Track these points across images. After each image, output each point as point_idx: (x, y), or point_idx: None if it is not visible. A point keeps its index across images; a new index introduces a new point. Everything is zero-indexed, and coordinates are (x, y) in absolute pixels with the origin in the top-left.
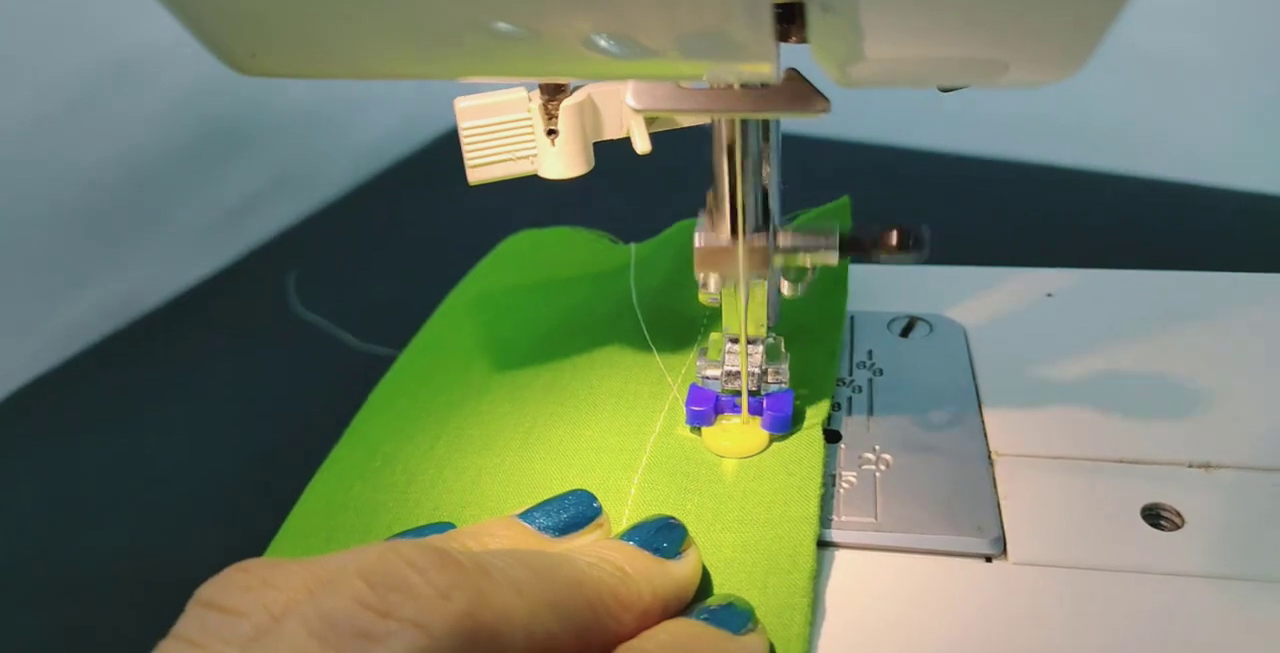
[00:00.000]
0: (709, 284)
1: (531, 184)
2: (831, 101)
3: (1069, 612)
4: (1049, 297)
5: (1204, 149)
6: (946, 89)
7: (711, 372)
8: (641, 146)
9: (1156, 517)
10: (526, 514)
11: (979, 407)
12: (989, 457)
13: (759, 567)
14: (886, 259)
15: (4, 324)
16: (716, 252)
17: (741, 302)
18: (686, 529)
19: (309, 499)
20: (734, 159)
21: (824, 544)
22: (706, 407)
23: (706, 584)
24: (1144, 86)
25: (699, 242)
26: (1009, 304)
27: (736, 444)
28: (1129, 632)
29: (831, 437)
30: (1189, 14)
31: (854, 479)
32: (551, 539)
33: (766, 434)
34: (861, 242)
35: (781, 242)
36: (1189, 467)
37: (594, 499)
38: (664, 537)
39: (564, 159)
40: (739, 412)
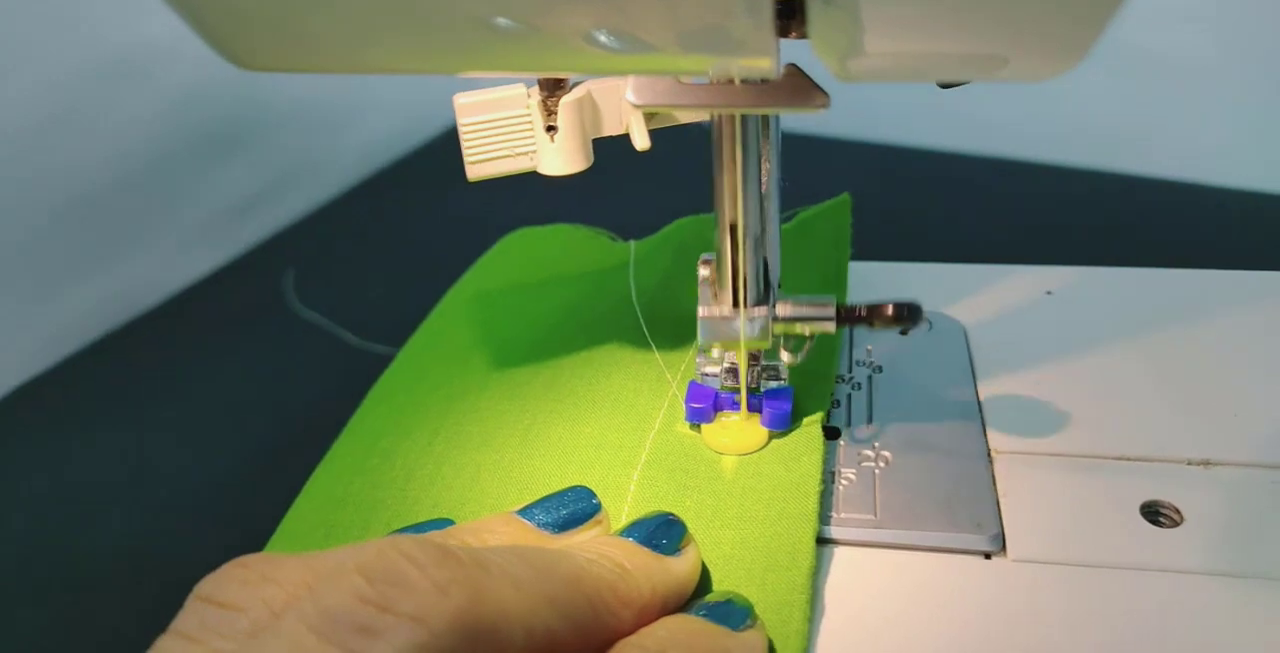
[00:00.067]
0: (711, 349)
1: (530, 181)
2: (831, 98)
3: (1068, 609)
4: (1048, 294)
5: (1203, 147)
6: (946, 85)
7: (711, 369)
8: (641, 143)
9: (1155, 514)
10: (526, 511)
11: (978, 404)
12: (988, 454)
13: (758, 563)
14: (882, 327)
15: (3, 322)
16: (718, 322)
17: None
18: (686, 526)
19: (308, 496)
20: (736, 235)
21: (823, 541)
22: (706, 404)
23: (705, 581)
24: (1143, 85)
25: (702, 312)
26: (1008, 302)
27: (736, 441)
28: (1128, 629)
29: (831, 434)
30: (1188, 12)
31: (853, 476)
32: (551, 536)
33: (766, 431)
34: (858, 313)
35: (781, 312)
36: (1188, 464)
37: (593, 496)
38: (663, 533)
39: (563, 155)
40: (738, 409)
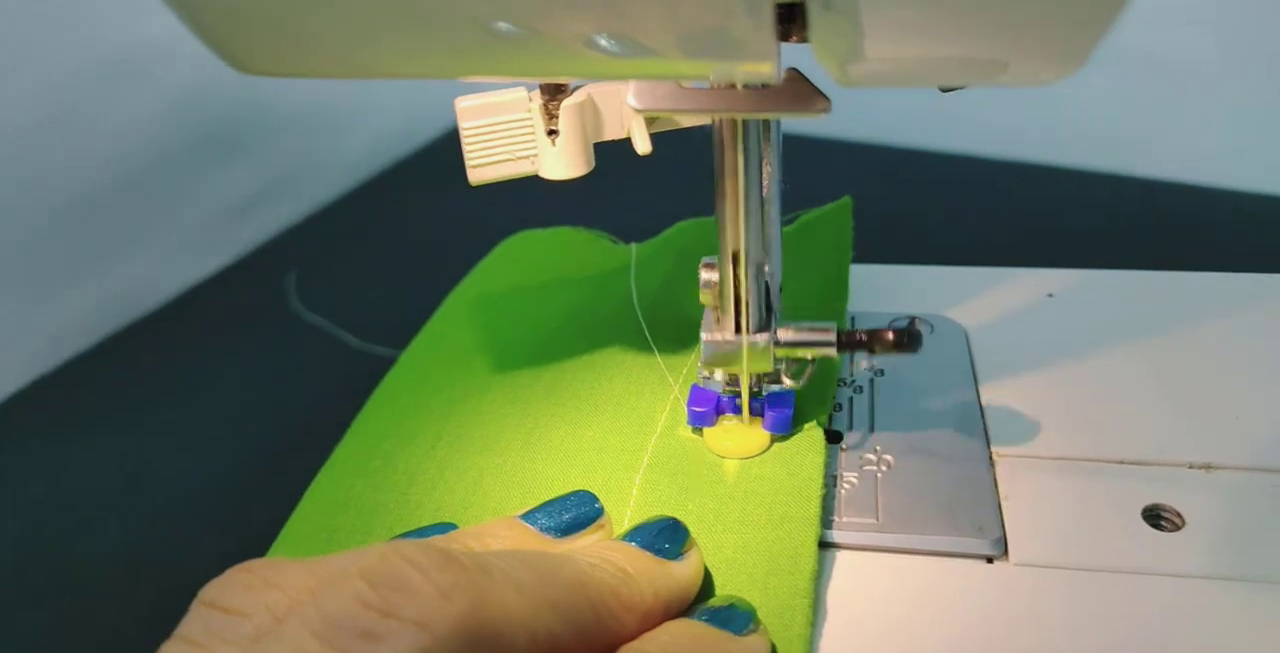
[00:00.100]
0: (714, 376)
1: (532, 184)
2: (832, 102)
3: (1070, 613)
4: (1050, 297)
5: (1205, 149)
6: (947, 89)
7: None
8: (642, 147)
9: (1157, 518)
10: (529, 515)
11: (980, 407)
12: (990, 458)
13: (760, 568)
14: (882, 352)
15: (3, 324)
16: (721, 346)
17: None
18: (688, 530)
19: (310, 500)
20: (739, 262)
21: (825, 545)
22: (708, 407)
23: (708, 585)
24: (1145, 87)
25: (704, 337)
26: (1010, 305)
27: (738, 445)
28: (1130, 633)
29: (832, 437)
30: (1189, 14)
31: (855, 480)
32: (553, 540)
33: (767, 435)
34: (859, 338)
35: (782, 336)
36: (1189, 468)
37: (596, 500)
38: (666, 538)
39: (564, 159)
40: (740, 412)
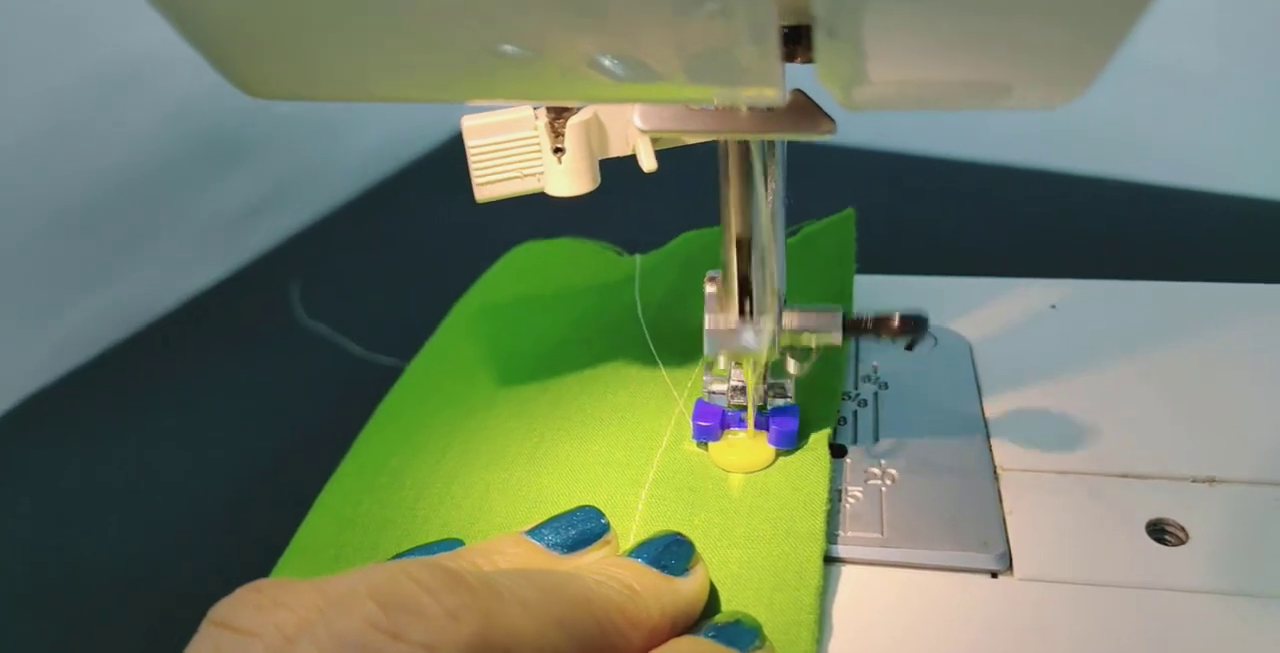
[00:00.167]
0: (718, 361)
1: (537, 195)
2: (836, 121)
3: (1074, 628)
4: (1053, 309)
5: (1212, 155)
6: None
7: (717, 386)
8: (648, 165)
9: (1161, 532)
10: (535, 531)
11: (984, 420)
12: (994, 471)
13: (766, 583)
14: (888, 338)
15: (7, 334)
16: (724, 333)
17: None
18: (694, 546)
19: (317, 515)
20: (742, 247)
21: (830, 560)
22: (713, 421)
23: (714, 601)
24: (1148, 93)
25: (709, 324)
26: (1013, 316)
27: (743, 459)
28: (1134, 648)
29: (837, 451)
30: (1190, 20)
31: (859, 494)
32: (560, 556)
33: (773, 449)
34: (865, 324)
35: (787, 322)
36: (1193, 481)
37: (602, 516)
38: (672, 554)
39: (570, 177)
40: (745, 426)
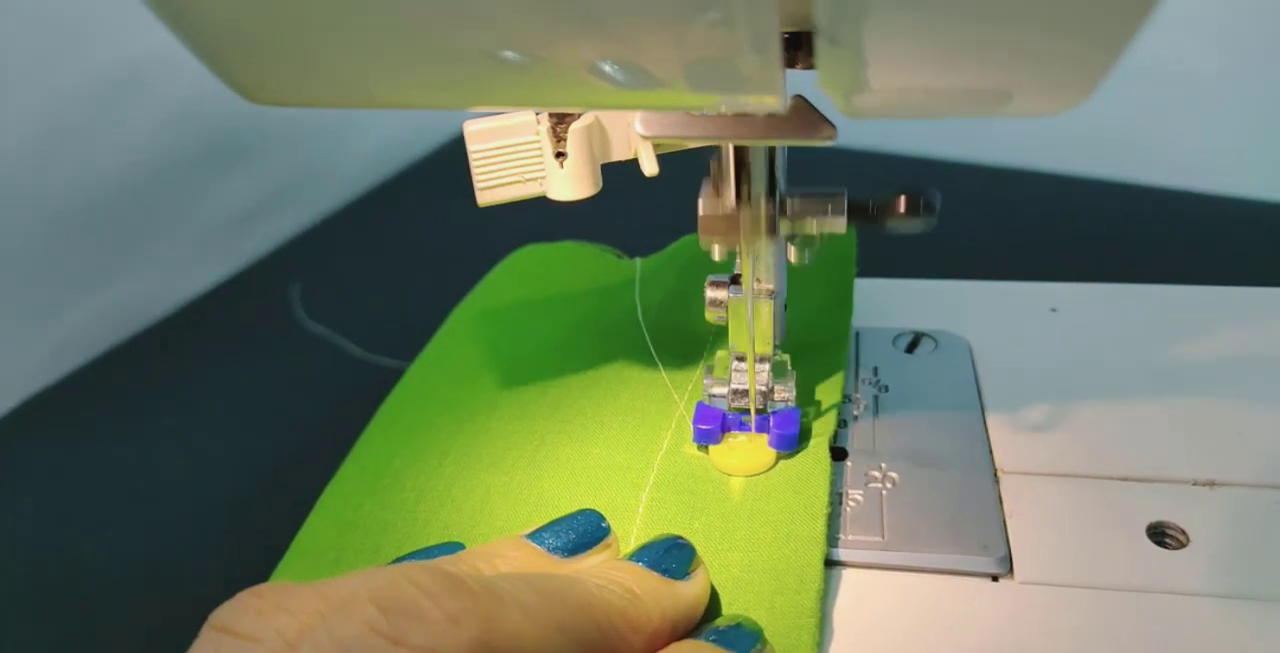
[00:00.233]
0: (713, 252)
1: (538, 198)
2: (837, 124)
3: (1075, 631)
4: (1053, 312)
5: (1213, 157)
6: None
7: (718, 389)
8: (649, 169)
9: (1161, 535)
10: (535, 535)
11: (984, 423)
12: (994, 474)
13: (766, 587)
14: (894, 226)
15: (8, 335)
16: (719, 219)
17: (747, 319)
18: (695, 549)
19: (318, 517)
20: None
21: (831, 563)
22: (713, 425)
23: (714, 604)
24: (1149, 94)
25: (702, 209)
26: (1013, 319)
27: (743, 462)
28: (1135, 651)
29: (838, 454)
30: (1191, 21)
31: (860, 498)
32: (560, 560)
33: (773, 452)
34: (868, 208)
35: (788, 209)
36: (1194, 485)
37: (602, 520)
38: (672, 557)
39: (572, 181)
40: (746, 429)
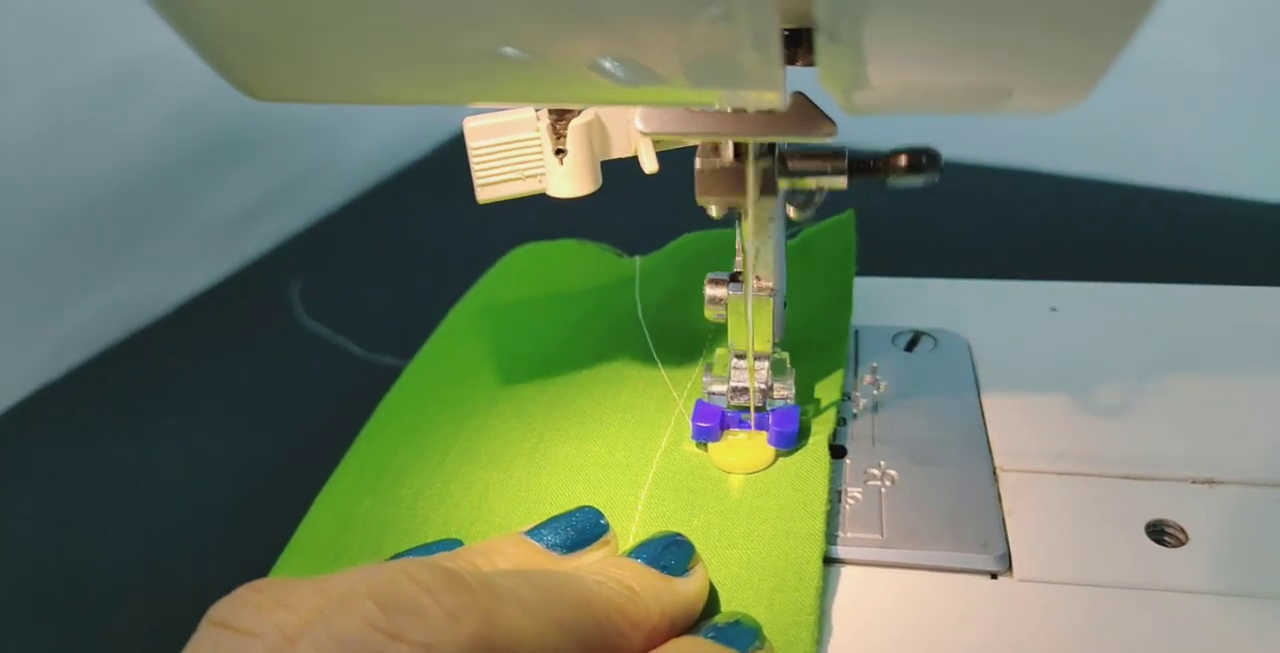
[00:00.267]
0: (710, 210)
1: (538, 195)
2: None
3: (1074, 629)
4: (1053, 311)
5: (1212, 157)
6: None
7: (717, 387)
8: (649, 166)
9: (1160, 533)
10: (534, 531)
11: (983, 422)
12: (994, 472)
13: (765, 584)
14: (896, 182)
15: (8, 333)
16: (718, 174)
17: (746, 314)
18: (693, 546)
19: (317, 514)
20: None
21: (830, 561)
22: (712, 423)
23: (713, 601)
24: (1148, 94)
25: (699, 165)
26: (1013, 318)
27: (742, 460)
28: (1134, 649)
29: (837, 452)
30: (1191, 21)
31: (859, 495)
32: (559, 557)
33: (772, 450)
34: (870, 165)
35: (790, 164)
36: (1193, 483)
37: (601, 517)
38: (671, 554)
39: (572, 178)
40: (745, 427)
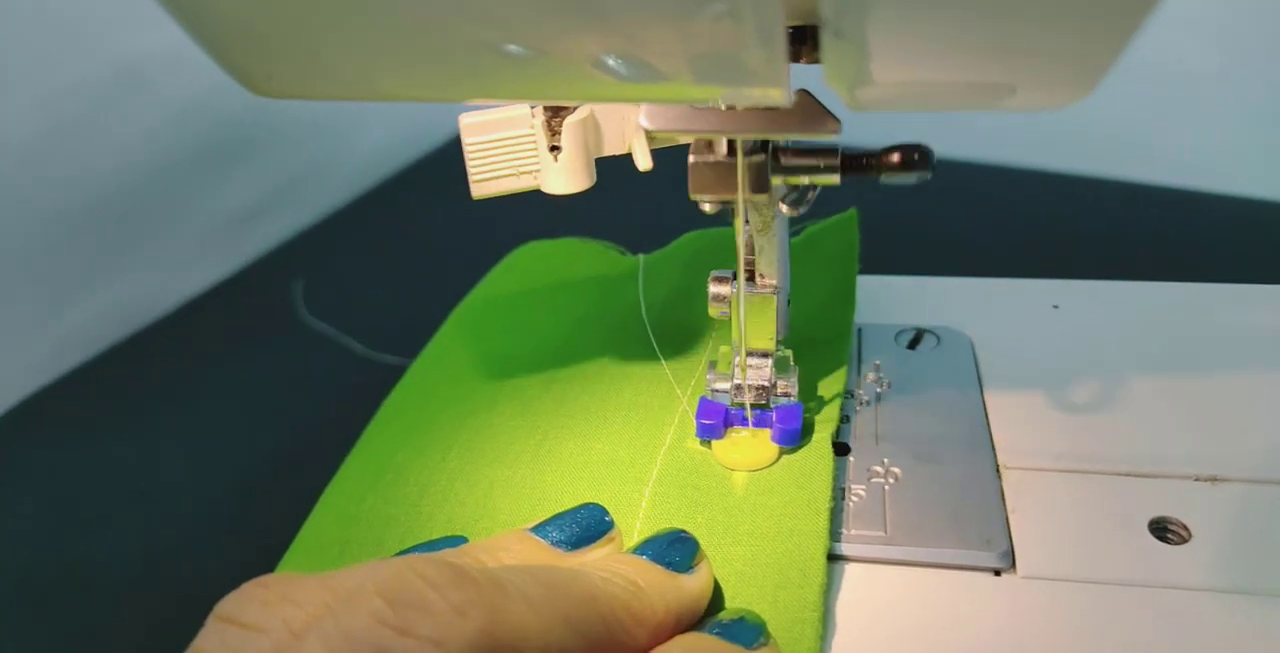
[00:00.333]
0: (703, 207)
1: (540, 194)
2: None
3: (1077, 626)
4: (1055, 308)
5: (1213, 156)
6: None
7: (721, 385)
8: (643, 164)
9: (1164, 530)
10: (539, 528)
11: (986, 419)
12: (997, 469)
13: (769, 581)
14: (888, 179)
15: (11, 332)
16: (712, 171)
17: (739, 308)
18: (698, 543)
19: (322, 512)
20: None
21: (834, 558)
22: (716, 420)
23: (718, 598)
24: (1150, 93)
25: (693, 161)
26: (1016, 316)
27: (746, 458)
28: (1137, 647)
29: (840, 450)
30: (1192, 20)
31: (863, 493)
32: (564, 554)
33: (776, 448)
34: (863, 162)
35: (782, 160)
36: (1195, 480)
37: (606, 513)
38: (676, 551)
39: (566, 175)
40: (748, 425)
